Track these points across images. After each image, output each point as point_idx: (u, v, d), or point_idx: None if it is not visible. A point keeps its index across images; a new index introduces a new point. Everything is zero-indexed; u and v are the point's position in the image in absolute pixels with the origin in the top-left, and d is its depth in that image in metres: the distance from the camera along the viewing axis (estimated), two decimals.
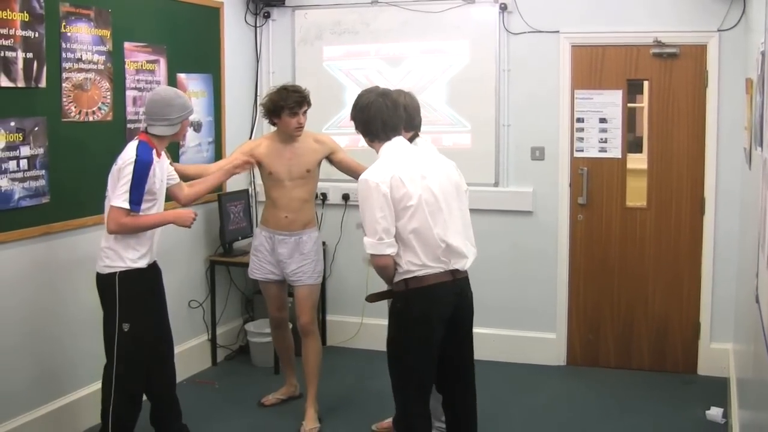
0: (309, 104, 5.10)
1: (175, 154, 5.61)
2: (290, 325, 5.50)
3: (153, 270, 4.44)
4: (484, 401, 5.32)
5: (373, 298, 4.15)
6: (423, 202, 3.78)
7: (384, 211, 3.73)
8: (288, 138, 5.09)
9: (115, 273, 4.25)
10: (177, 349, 4.80)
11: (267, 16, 6.72)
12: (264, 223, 5.25)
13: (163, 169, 4.38)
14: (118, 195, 4.13)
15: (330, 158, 5.27)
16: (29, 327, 4.64)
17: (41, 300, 4.71)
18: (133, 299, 4.27)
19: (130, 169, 4.14)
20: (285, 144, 5.10)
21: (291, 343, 5.53)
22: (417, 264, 3.79)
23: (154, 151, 4.27)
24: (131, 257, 4.27)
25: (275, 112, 5.02)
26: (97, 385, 4.44)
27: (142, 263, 4.31)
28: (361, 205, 3.82)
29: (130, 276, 4.27)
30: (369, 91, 4.07)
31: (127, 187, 4.12)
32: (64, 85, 4.76)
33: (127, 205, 4.12)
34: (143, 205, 4.22)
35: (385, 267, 3.81)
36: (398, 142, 3.96)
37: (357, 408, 5.45)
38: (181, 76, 5.80)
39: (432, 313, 3.84)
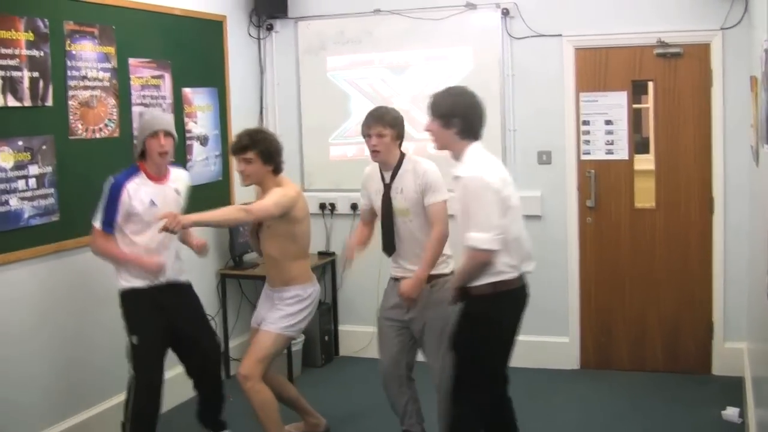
0: (258, 151, 4.49)
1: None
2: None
3: (158, 290, 4.47)
4: None
5: (455, 299, 4.03)
6: (518, 204, 3.88)
7: (498, 207, 3.74)
8: (260, 185, 4.66)
9: (120, 291, 4.44)
10: None
11: (270, 28, 6.74)
12: None
13: (151, 194, 4.41)
14: (95, 214, 4.34)
15: None
16: (43, 344, 4.64)
17: (55, 317, 4.71)
18: (135, 315, 4.43)
19: (106, 189, 4.34)
20: (261, 192, 4.68)
21: (280, 386, 4.91)
22: (510, 265, 3.83)
23: (142, 174, 4.39)
24: (124, 277, 4.44)
25: None
26: (114, 401, 4.46)
27: (138, 283, 4.42)
28: (471, 201, 3.75)
29: (129, 294, 4.44)
30: (463, 88, 4.06)
31: (102, 207, 4.32)
32: (70, 102, 4.77)
33: (98, 225, 4.31)
34: (130, 228, 4.37)
35: (489, 264, 3.78)
36: (480, 144, 3.99)
37: (369, 418, 5.45)
38: (187, 90, 5.82)
39: (518, 317, 3.96)
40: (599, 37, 5.98)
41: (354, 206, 6.51)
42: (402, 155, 4.54)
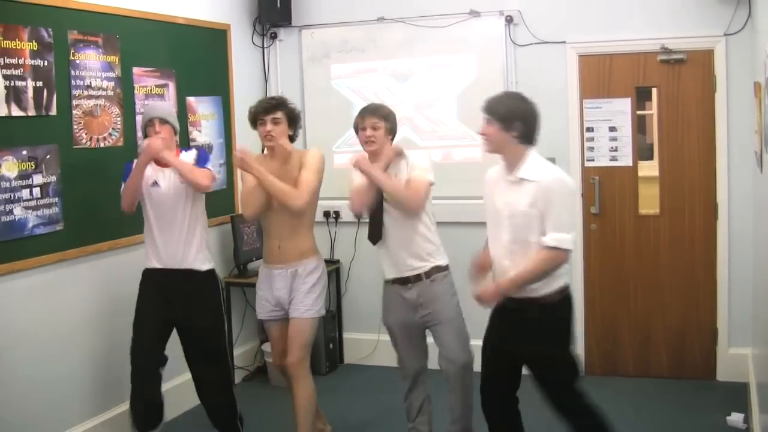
0: (286, 111, 4.62)
1: None
2: None
3: (168, 275, 4.54)
4: None
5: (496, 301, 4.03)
6: None
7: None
8: (275, 155, 4.66)
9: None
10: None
11: (274, 36, 6.76)
12: (263, 257, 4.89)
13: (155, 175, 4.53)
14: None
15: None
16: (45, 353, 4.65)
17: (57, 327, 4.73)
18: (140, 294, 4.60)
19: None
20: (272, 161, 4.65)
21: None
22: (568, 268, 3.93)
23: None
24: (146, 256, 4.60)
25: (253, 123, 4.67)
26: (119, 409, 4.48)
27: (155, 264, 4.56)
28: (556, 202, 3.75)
29: (144, 274, 4.61)
30: (521, 93, 4.10)
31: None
32: (74, 112, 4.79)
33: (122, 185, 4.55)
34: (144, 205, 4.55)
35: (564, 264, 3.87)
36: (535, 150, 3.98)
37: (374, 426, 5.44)
38: (191, 99, 5.83)
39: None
40: (603, 43, 5.98)
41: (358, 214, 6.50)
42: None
